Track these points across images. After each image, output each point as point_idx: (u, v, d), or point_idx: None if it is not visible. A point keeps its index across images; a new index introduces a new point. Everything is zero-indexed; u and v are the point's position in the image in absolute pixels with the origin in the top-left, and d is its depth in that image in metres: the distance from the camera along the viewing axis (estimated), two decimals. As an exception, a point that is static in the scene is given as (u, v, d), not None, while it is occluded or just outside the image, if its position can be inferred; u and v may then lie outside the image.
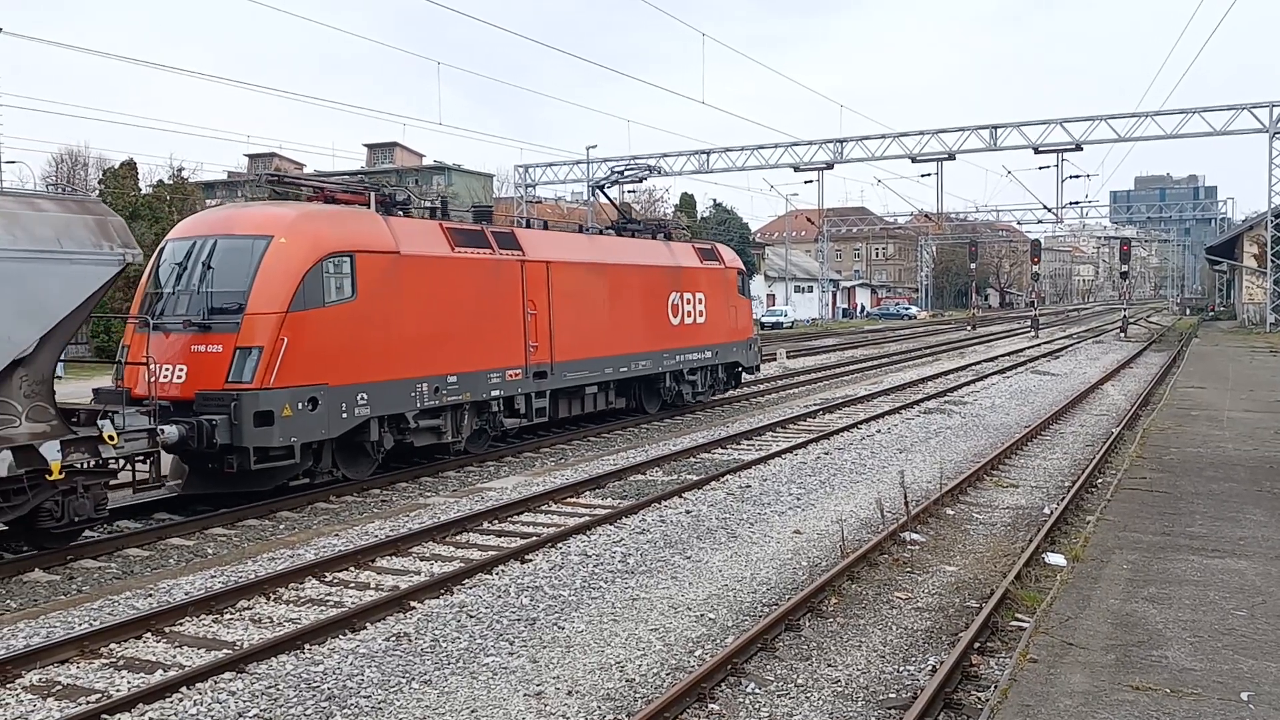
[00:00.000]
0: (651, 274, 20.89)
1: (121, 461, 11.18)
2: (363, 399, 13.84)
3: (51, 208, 10.48)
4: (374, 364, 14.02)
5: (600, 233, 21.46)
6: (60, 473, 10.24)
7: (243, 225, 13.65)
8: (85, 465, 10.77)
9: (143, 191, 52.46)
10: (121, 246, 10.75)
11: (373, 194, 15.32)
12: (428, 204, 17.13)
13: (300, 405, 12.91)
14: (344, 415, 13.58)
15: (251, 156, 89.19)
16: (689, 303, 21.99)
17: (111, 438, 10.70)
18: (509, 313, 16.70)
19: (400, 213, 15.58)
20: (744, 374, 25.18)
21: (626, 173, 26.65)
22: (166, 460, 12.51)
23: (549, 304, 17.62)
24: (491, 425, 16.76)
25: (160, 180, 63.41)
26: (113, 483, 11.43)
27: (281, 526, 12.52)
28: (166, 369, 12.59)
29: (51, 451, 10.17)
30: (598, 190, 24.34)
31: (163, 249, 14.01)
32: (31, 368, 10.11)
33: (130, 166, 57.65)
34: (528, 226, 19.09)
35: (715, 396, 24.31)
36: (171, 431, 11.79)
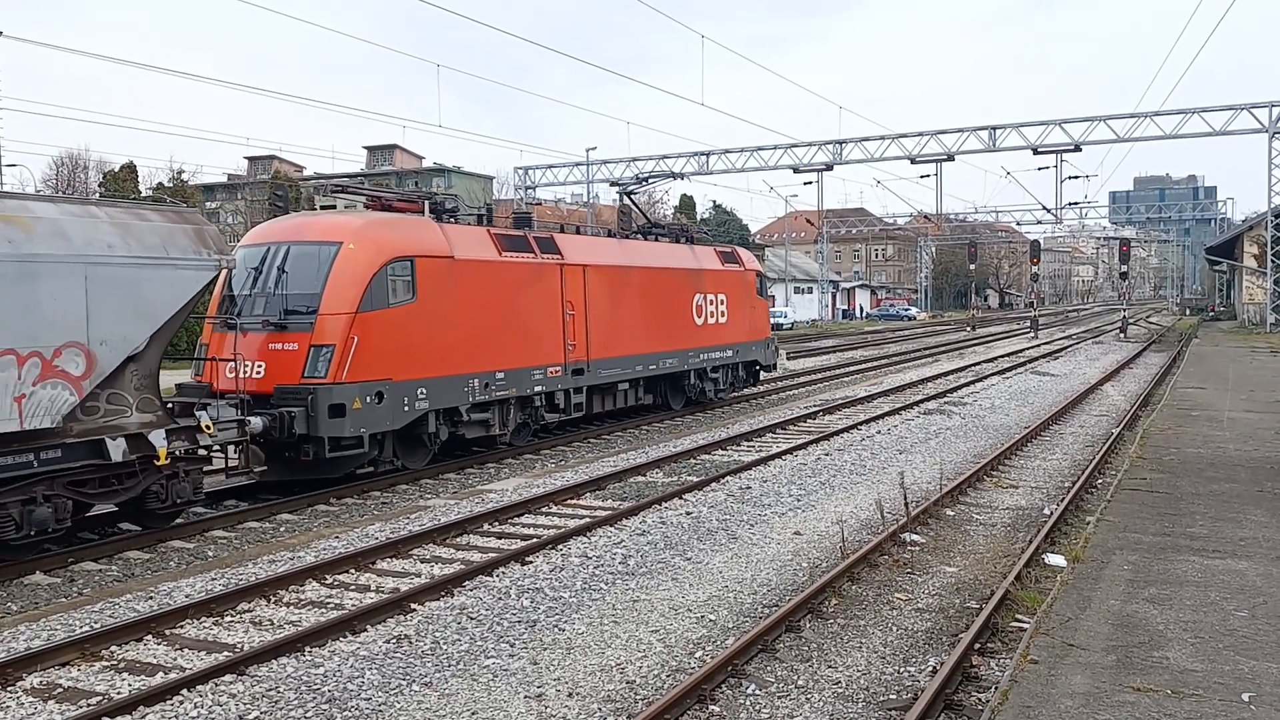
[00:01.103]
0: (677, 276, 21.75)
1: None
2: (422, 393, 14.82)
3: (156, 218, 11.54)
4: (432, 361, 15.01)
5: (627, 237, 22.15)
6: (166, 458, 11.26)
7: (313, 233, 14.66)
8: (185, 452, 11.72)
9: (143, 194, 52.50)
10: (217, 253, 11.81)
11: (426, 202, 16.46)
12: (475, 211, 18.19)
13: (368, 399, 13.89)
14: (406, 408, 14.56)
15: (251, 159, 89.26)
16: (711, 304, 22.85)
17: (208, 427, 11.81)
18: (550, 313, 17.66)
19: (451, 219, 16.60)
20: (762, 372, 25.93)
21: (651, 179, 27.49)
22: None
23: (585, 305, 18.57)
24: (533, 419, 17.63)
25: (160, 183, 63.45)
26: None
27: (282, 529, 12.52)
28: (246, 365, 13.36)
29: (159, 439, 11.21)
30: (624, 195, 25.20)
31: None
32: (141, 363, 11.10)
33: (130, 169, 57.64)
34: (562, 231, 19.77)
35: (735, 394, 25.12)
36: (257, 422, 12.72)
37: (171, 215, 11.83)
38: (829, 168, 50.42)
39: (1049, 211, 54.10)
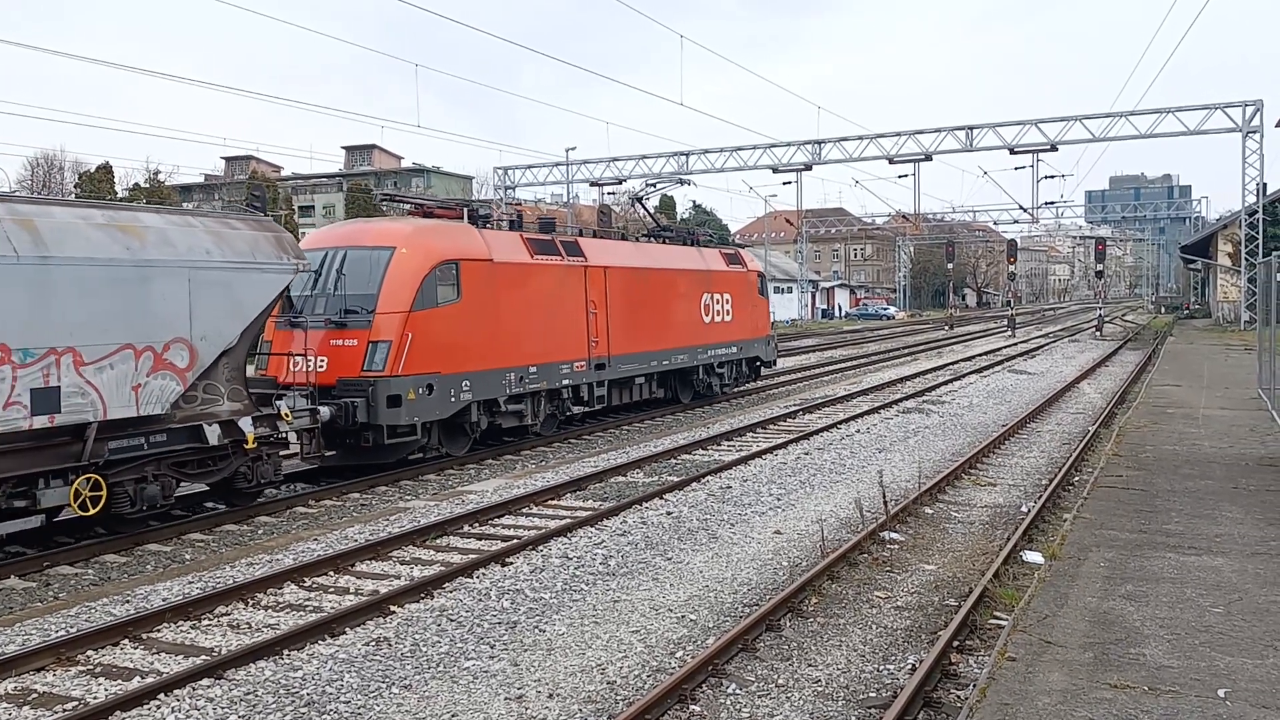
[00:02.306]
0: (687, 277, 23.03)
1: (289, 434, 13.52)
2: (466, 386, 16.09)
3: (243, 226, 12.68)
4: (474, 356, 16.26)
5: (637, 240, 23.35)
6: (254, 443, 12.54)
7: (368, 238, 15.88)
8: (266, 438, 12.93)
9: (119, 195, 52.06)
10: (295, 258, 12.95)
11: (465, 209, 17.80)
12: (508, 217, 19.54)
13: (421, 390, 15.13)
14: (452, 399, 15.82)
15: (228, 159, 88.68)
16: (718, 303, 24.17)
17: (287, 415, 13.07)
18: (575, 311, 18.96)
19: (486, 225, 17.78)
20: (762, 368, 27.14)
21: (661, 184, 28.49)
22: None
23: (606, 304, 19.88)
24: (560, 410, 18.92)
25: (136, 183, 62.89)
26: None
27: (260, 532, 12.43)
28: (310, 360, 14.52)
29: (248, 425, 12.50)
30: (636, 201, 26.36)
31: None
32: (232, 357, 12.33)
33: (106, 170, 57.12)
34: (582, 235, 21.08)
35: (738, 389, 26.33)
36: (326, 411, 13.83)
37: (254, 223, 12.96)
38: (808, 168, 50.53)
39: (1025, 211, 54.38)
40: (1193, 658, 6.39)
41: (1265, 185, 45.12)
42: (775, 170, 50.87)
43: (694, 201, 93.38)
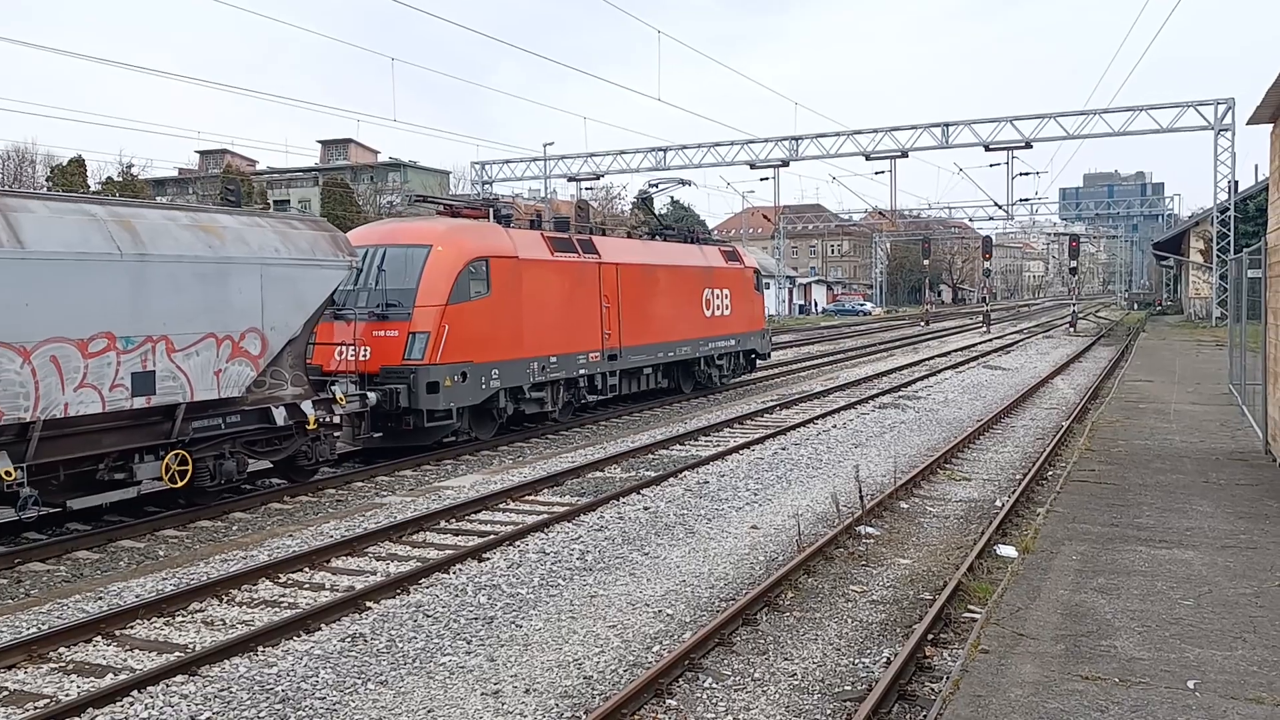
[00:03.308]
0: (689, 273, 24.30)
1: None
2: (495, 374, 17.32)
3: (303, 226, 13.91)
4: (502, 346, 17.50)
5: (643, 238, 24.85)
6: (314, 424, 13.70)
7: (406, 237, 17.11)
8: (324, 420, 14.10)
9: (92, 189, 51.51)
10: (348, 255, 14.13)
11: (490, 209, 19.26)
12: (529, 217, 20.88)
13: (456, 378, 16.35)
14: (483, 386, 17.06)
15: (203, 153, 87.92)
16: (717, 298, 25.44)
17: (341, 399, 14.22)
18: (590, 305, 20.22)
19: (509, 224, 19.09)
20: (758, 360, 28.48)
21: (662, 185, 29.58)
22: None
23: (618, 299, 21.14)
24: (576, 398, 20.17)
25: (109, 177, 62.24)
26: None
27: (234, 528, 12.36)
28: (354, 349, 15.75)
29: (309, 408, 13.66)
30: (642, 202, 27.44)
31: None
32: (295, 346, 13.49)
33: (79, 164, 56.53)
34: (593, 234, 22.45)
35: (735, 379, 27.58)
36: (373, 396, 14.96)
37: (312, 224, 14.28)
38: (785, 164, 50.67)
39: (1000, 208, 54.70)
40: (1163, 649, 6.46)
41: (1237, 183, 45.63)
42: (753, 166, 51.00)
43: (671, 197, 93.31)
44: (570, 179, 56.34)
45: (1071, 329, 53.11)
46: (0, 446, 10.32)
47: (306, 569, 10.01)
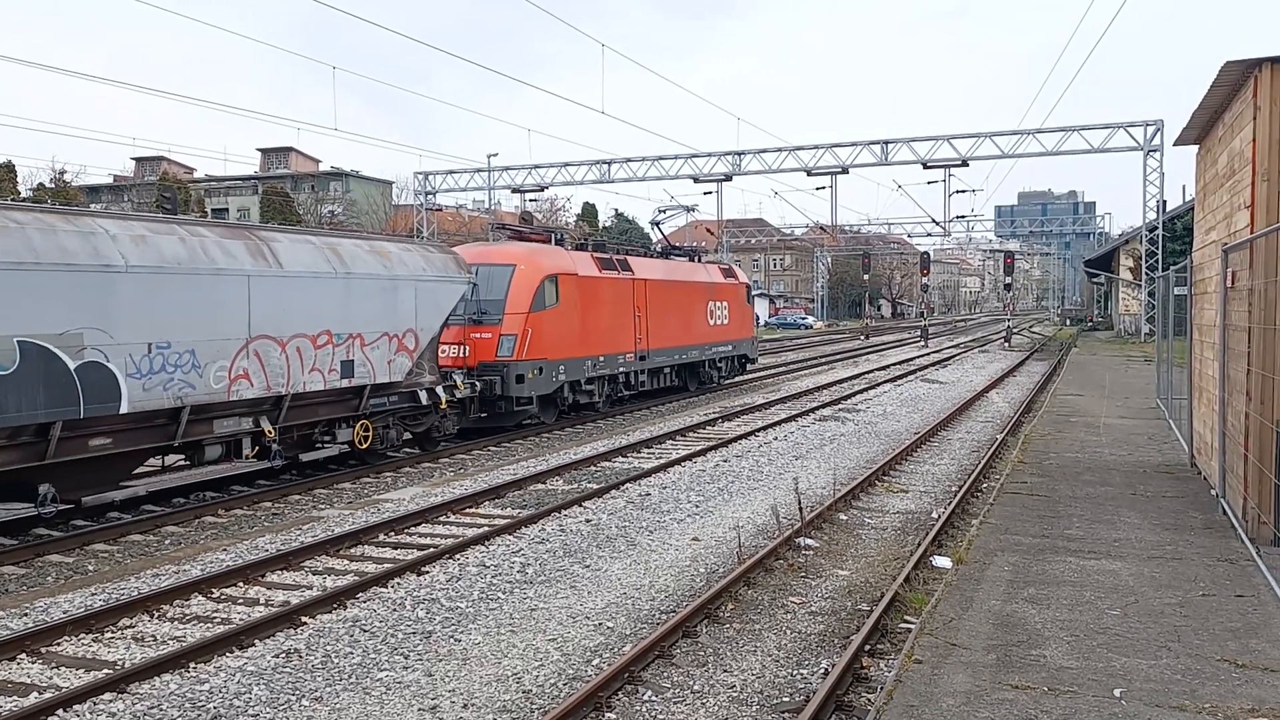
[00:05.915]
0: (698, 288, 28.57)
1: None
2: (561, 370, 21.36)
3: (435, 251, 17.88)
4: (567, 347, 21.54)
5: (661, 258, 28.46)
6: (445, 405, 17.39)
7: (495, 257, 21.29)
8: (445, 402, 17.53)
9: (22, 195, 50.26)
10: (467, 273, 17.89)
11: (553, 235, 24.01)
12: (580, 240, 25.49)
13: (535, 372, 20.35)
14: (554, 379, 21.14)
15: (139, 160, 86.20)
16: (719, 309, 29.70)
17: (461, 386, 18.11)
18: (626, 315, 24.30)
19: (563, 246, 23.12)
20: (748, 363, 32.90)
21: (669, 210, 32.04)
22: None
23: (646, 309, 25.15)
24: (615, 393, 24.14)
25: (41, 183, 60.68)
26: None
27: (166, 542, 12.11)
28: (455, 348, 19.73)
29: (441, 391, 17.39)
30: (653, 226, 31.65)
31: None
32: (432, 343, 17.05)
33: (9, 169, 55.10)
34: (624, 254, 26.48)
35: (730, 380, 31.79)
36: (478, 386, 18.85)
37: (441, 249, 18.43)
38: (728, 178, 51.06)
39: (938, 224, 55.68)
40: (1091, 658, 6.61)
41: (1165, 202, 46.89)
42: (696, 180, 51.29)
43: (615, 210, 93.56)
44: (514, 190, 56.14)
45: (1006, 344, 54.07)
46: (264, 412, 13.90)
47: (240, 584, 9.84)
